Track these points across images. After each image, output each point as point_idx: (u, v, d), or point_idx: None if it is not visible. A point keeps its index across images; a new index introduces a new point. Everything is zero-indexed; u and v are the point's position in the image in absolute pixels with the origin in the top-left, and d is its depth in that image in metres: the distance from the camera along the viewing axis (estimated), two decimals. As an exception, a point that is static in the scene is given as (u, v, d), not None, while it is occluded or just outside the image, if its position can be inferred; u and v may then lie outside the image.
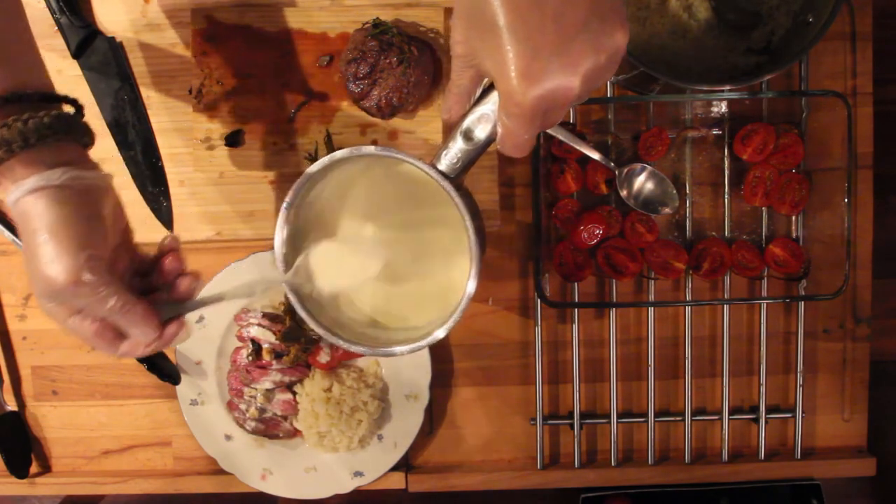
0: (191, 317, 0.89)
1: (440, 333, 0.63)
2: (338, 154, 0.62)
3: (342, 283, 0.68)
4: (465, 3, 0.51)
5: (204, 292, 0.89)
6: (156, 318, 0.59)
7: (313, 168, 0.63)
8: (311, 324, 0.66)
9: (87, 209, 0.57)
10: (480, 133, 0.58)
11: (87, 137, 0.59)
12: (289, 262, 0.66)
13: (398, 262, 0.69)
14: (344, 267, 0.67)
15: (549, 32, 0.48)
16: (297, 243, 0.67)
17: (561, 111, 0.52)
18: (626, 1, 0.82)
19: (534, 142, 0.54)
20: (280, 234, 0.66)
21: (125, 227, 0.61)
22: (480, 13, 0.49)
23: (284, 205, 0.65)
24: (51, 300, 0.56)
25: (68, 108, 0.59)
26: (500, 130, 0.54)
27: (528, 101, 0.49)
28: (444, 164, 0.60)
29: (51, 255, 0.54)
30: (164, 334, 0.60)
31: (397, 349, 0.65)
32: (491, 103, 0.57)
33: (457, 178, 0.60)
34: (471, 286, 0.61)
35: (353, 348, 0.66)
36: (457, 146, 0.59)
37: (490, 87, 0.57)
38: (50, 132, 0.55)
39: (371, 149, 0.62)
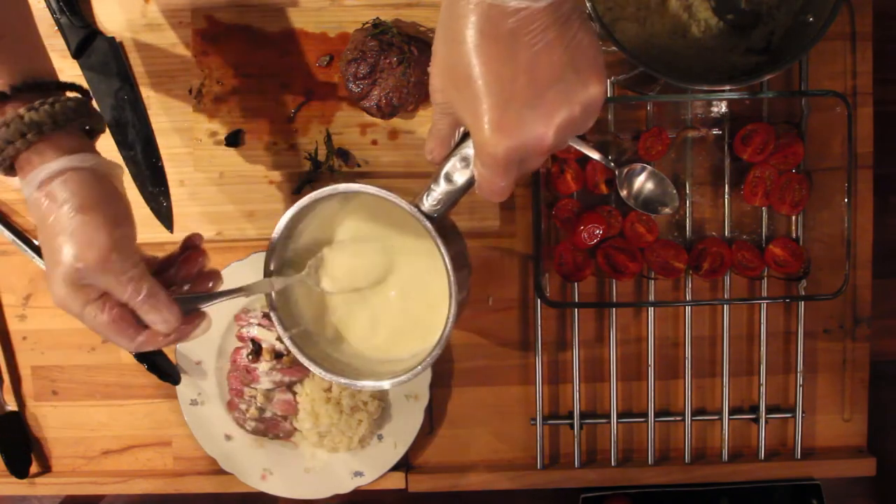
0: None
1: (404, 378, 0.65)
2: (325, 191, 0.63)
3: (351, 284, 0.70)
4: (441, 53, 0.52)
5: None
6: (178, 306, 0.59)
7: (302, 202, 0.64)
8: (301, 358, 0.68)
9: (115, 192, 0.58)
10: (461, 176, 0.59)
11: (101, 124, 0.61)
12: (277, 293, 0.68)
13: (385, 288, 0.71)
14: (354, 270, 0.70)
15: (522, 84, 0.48)
16: (285, 272, 0.69)
17: (537, 160, 0.53)
18: (626, 1, 0.82)
19: (512, 188, 0.54)
20: (268, 268, 0.68)
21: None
22: (455, 64, 0.50)
23: (271, 243, 0.66)
24: (72, 284, 0.55)
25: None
26: (476, 177, 0.55)
27: (501, 151, 0.50)
28: (427, 205, 0.61)
29: (84, 233, 0.54)
30: (185, 325, 0.60)
31: (367, 383, 0.67)
32: (470, 148, 0.58)
33: (439, 218, 0.61)
34: (446, 330, 0.63)
35: (338, 380, 0.68)
36: (439, 188, 0.60)
37: (468, 133, 0.57)
38: (75, 116, 0.56)
39: (357, 186, 0.63)
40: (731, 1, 0.83)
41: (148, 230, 0.89)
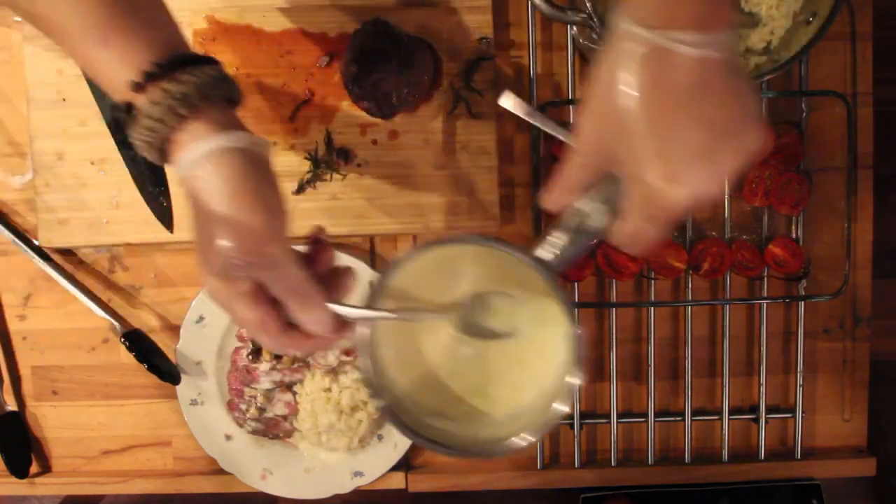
0: (191, 315, 0.90)
1: (530, 438, 0.60)
2: (443, 242, 0.59)
3: (484, 333, 0.64)
4: (599, 101, 0.50)
5: (203, 292, 0.90)
6: (328, 308, 0.54)
7: (413, 253, 0.60)
8: (412, 437, 0.62)
9: (270, 175, 0.54)
10: (590, 226, 0.56)
11: (240, 94, 0.56)
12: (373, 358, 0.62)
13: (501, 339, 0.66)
14: (493, 318, 0.64)
15: (696, 136, 0.48)
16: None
17: (695, 208, 0.53)
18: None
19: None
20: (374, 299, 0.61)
21: None
22: (622, 114, 0.48)
23: (374, 288, 0.60)
24: (225, 276, 0.52)
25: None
26: (627, 228, 0.53)
27: (672, 205, 0.49)
28: (547, 256, 0.57)
29: (239, 222, 0.50)
30: (334, 332, 0.55)
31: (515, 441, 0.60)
32: (603, 199, 0.56)
33: (559, 270, 0.57)
34: (575, 381, 0.59)
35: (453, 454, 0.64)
36: (563, 238, 0.57)
37: (607, 183, 0.55)
38: (219, 85, 0.52)
39: (477, 238, 0.59)
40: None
41: (148, 230, 0.89)
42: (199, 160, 0.50)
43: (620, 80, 0.48)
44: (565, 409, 0.60)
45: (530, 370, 0.64)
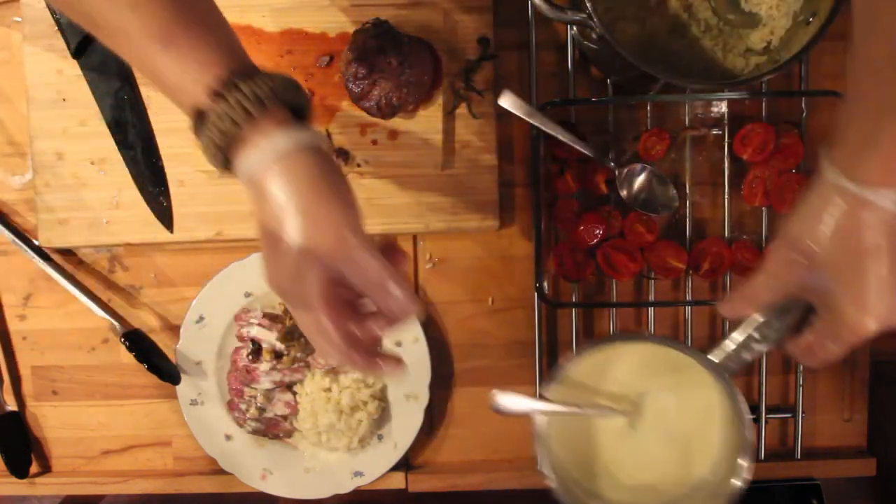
0: (191, 316, 0.90)
1: None
2: (623, 338, 0.70)
3: (656, 424, 0.72)
4: (799, 237, 0.58)
5: (203, 292, 0.90)
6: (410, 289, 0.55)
7: (593, 347, 0.68)
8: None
9: (339, 170, 0.55)
10: (768, 336, 0.63)
11: (310, 105, 0.57)
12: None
13: (660, 425, 0.73)
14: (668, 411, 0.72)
15: (891, 278, 0.55)
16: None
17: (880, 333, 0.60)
18: (626, 1, 0.82)
19: None
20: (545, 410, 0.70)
21: None
22: (823, 253, 0.56)
23: (555, 379, 0.69)
24: (297, 273, 0.52)
25: None
26: (808, 342, 0.61)
27: (862, 332, 0.56)
28: (724, 360, 0.65)
29: (330, 207, 0.51)
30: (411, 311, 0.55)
31: None
32: (781, 313, 0.63)
33: (732, 373, 0.65)
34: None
35: None
36: (739, 345, 0.64)
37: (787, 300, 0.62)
38: (291, 92, 0.53)
39: (658, 338, 0.70)
40: (730, 1, 0.83)
41: (148, 230, 0.89)
42: (272, 157, 0.51)
43: (825, 224, 0.56)
44: (740, 483, 0.66)
45: (690, 455, 0.72)
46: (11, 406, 0.94)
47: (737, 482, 0.66)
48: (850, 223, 0.55)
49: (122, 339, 0.89)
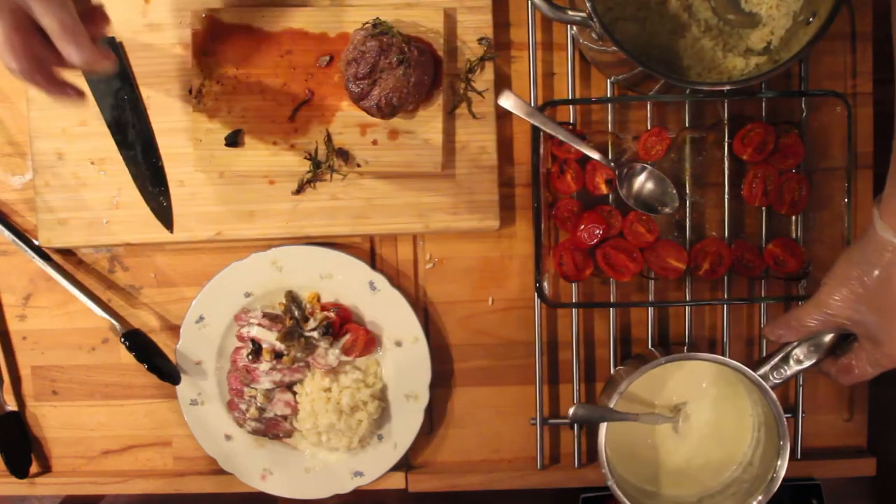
0: (191, 315, 0.90)
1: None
2: (681, 357, 0.79)
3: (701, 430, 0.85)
4: (857, 283, 0.70)
5: (203, 292, 0.90)
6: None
7: (653, 364, 0.78)
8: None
9: None
10: (811, 357, 0.76)
11: None
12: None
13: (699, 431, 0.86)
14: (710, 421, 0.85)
15: None
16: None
17: None
18: (626, 1, 0.82)
19: None
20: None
21: None
22: (875, 297, 0.69)
23: (618, 392, 0.79)
24: None
25: None
26: (845, 364, 0.74)
27: None
28: (768, 376, 0.77)
29: None
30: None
31: None
32: (823, 340, 0.75)
33: (774, 387, 0.77)
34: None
35: None
36: (783, 365, 0.77)
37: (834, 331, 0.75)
38: None
39: (705, 356, 0.78)
40: (730, 1, 0.83)
41: (148, 230, 0.89)
42: None
43: (874, 271, 0.68)
44: (778, 482, 0.80)
45: (726, 455, 0.85)
46: (11, 406, 0.94)
47: (775, 482, 0.79)
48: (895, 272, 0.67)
49: (122, 339, 0.89)
